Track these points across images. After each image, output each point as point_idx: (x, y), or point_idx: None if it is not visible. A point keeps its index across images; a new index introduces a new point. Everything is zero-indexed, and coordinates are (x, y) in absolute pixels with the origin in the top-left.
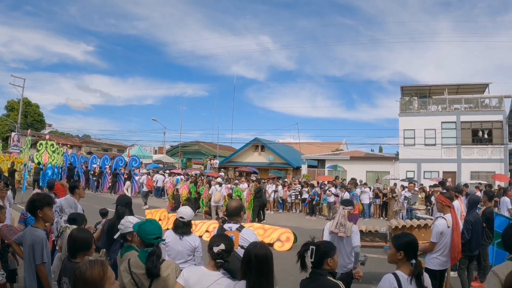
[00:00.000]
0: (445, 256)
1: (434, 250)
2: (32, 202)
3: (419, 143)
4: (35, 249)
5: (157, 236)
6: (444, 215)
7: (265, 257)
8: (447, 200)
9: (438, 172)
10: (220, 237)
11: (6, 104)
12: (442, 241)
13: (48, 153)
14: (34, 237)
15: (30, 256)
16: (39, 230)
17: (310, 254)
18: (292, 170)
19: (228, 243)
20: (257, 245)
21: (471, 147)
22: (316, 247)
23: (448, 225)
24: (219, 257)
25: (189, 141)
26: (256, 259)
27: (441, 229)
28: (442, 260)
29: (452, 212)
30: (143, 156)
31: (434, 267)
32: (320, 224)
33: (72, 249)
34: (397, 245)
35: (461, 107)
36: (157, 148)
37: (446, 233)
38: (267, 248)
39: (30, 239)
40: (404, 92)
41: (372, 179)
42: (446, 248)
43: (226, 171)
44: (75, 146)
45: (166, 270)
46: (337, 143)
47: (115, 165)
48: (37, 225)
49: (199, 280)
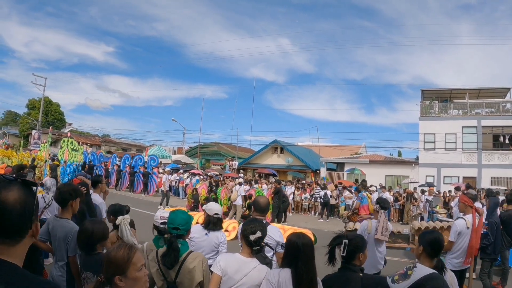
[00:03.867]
0: (460, 257)
1: (453, 250)
2: (66, 192)
3: (439, 147)
4: (69, 242)
5: (175, 227)
6: (465, 215)
7: (312, 246)
8: (470, 200)
9: (458, 177)
10: (255, 223)
11: (28, 102)
12: (460, 242)
13: (68, 151)
14: (68, 229)
15: (63, 249)
16: (70, 222)
17: (343, 248)
18: (311, 172)
19: (262, 229)
20: (301, 235)
21: (492, 152)
22: (348, 241)
23: (467, 226)
24: (256, 244)
25: (208, 142)
26: (304, 247)
27: (459, 229)
28: (457, 261)
29: (473, 213)
30: (162, 156)
31: (450, 267)
32: (338, 227)
33: (90, 243)
34: (420, 240)
35: (482, 111)
36: (176, 149)
37: (465, 233)
38: (310, 238)
39: (63, 231)
40: (425, 95)
41: (391, 183)
42: (462, 249)
43: (245, 172)
44: (94, 145)
45: (193, 262)
46: (356, 147)
47: (134, 164)
48: (65, 215)
49: (239, 268)
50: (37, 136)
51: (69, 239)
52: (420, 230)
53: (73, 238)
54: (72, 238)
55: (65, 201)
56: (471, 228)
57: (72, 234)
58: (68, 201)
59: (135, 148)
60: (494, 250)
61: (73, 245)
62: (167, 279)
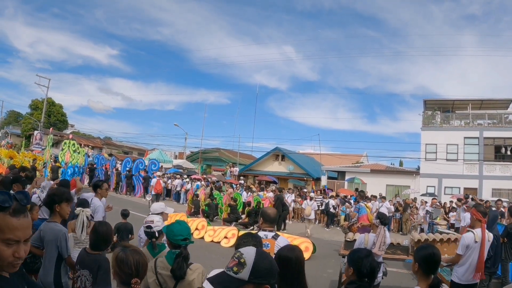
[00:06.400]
0: (467, 270)
1: (460, 263)
2: (51, 196)
3: (441, 158)
4: (60, 244)
5: (184, 238)
6: (475, 229)
7: (302, 258)
8: (479, 214)
9: (459, 188)
10: (249, 238)
11: (31, 103)
12: (467, 255)
13: (69, 152)
14: (56, 231)
15: (52, 251)
16: (59, 225)
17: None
18: (312, 180)
19: (256, 244)
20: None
21: (494, 163)
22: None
23: (475, 240)
24: None
25: (209, 148)
26: (297, 261)
27: (467, 242)
28: (465, 275)
29: (483, 228)
30: (163, 160)
31: (456, 280)
32: (338, 236)
33: (95, 243)
34: (415, 256)
35: (484, 122)
36: (177, 153)
37: (473, 247)
38: (299, 250)
39: (52, 234)
40: (427, 106)
41: (392, 193)
42: (469, 262)
43: (245, 179)
44: (96, 147)
45: (193, 274)
46: (358, 156)
47: (135, 168)
48: (54, 219)
49: None
50: (39, 136)
51: (60, 241)
52: (419, 242)
53: (63, 240)
54: (62, 241)
55: (50, 205)
56: (479, 242)
57: (61, 236)
58: (53, 204)
59: (137, 152)
60: (494, 263)
61: (64, 247)
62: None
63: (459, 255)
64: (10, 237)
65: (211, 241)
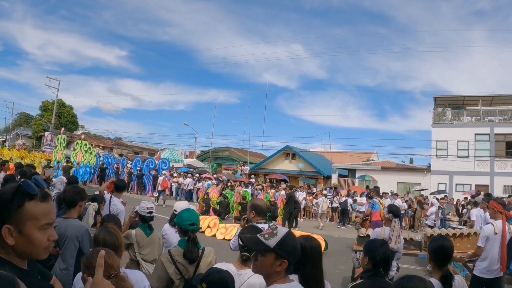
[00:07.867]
0: (488, 263)
1: (482, 257)
2: (79, 193)
3: (452, 154)
4: (82, 240)
5: (192, 223)
6: (495, 221)
7: (320, 249)
8: (499, 206)
9: (471, 185)
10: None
11: (41, 104)
12: (487, 248)
13: (81, 153)
14: (78, 227)
15: (72, 248)
16: (79, 221)
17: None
18: (323, 178)
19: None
20: (309, 238)
21: (505, 160)
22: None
23: (495, 231)
24: (244, 249)
25: (220, 147)
26: (312, 252)
27: (487, 234)
28: (486, 268)
29: (504, 219)
30: (174, 159)
31: (478, 273)
32: (350, 233)
33: None
34: (428, 248)
35: (495, 118)
36: (187, 153)
37: (493, 239)
38: (318, 241)
39: (74, 230)
40: (437, 102)
41: (403, 191)
42: (490, 254)
43: (256, 177)
44: (107, 148)
45: (209, 255)
46: (368, 153)
47: (145, 167)
48: (73, 215)
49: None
50: (50, 137)
51: (83, 237)
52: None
53: (86, 236)
54: (85, 237)
55: (74, 202)
56: (500, 234)
57: (84, 233)
58: (78, 201)
59: (147, 152)
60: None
61: (87, 244)
62: (184, 276)
63: (480, 247)
64: (46, 222)
65: (223, 238)
